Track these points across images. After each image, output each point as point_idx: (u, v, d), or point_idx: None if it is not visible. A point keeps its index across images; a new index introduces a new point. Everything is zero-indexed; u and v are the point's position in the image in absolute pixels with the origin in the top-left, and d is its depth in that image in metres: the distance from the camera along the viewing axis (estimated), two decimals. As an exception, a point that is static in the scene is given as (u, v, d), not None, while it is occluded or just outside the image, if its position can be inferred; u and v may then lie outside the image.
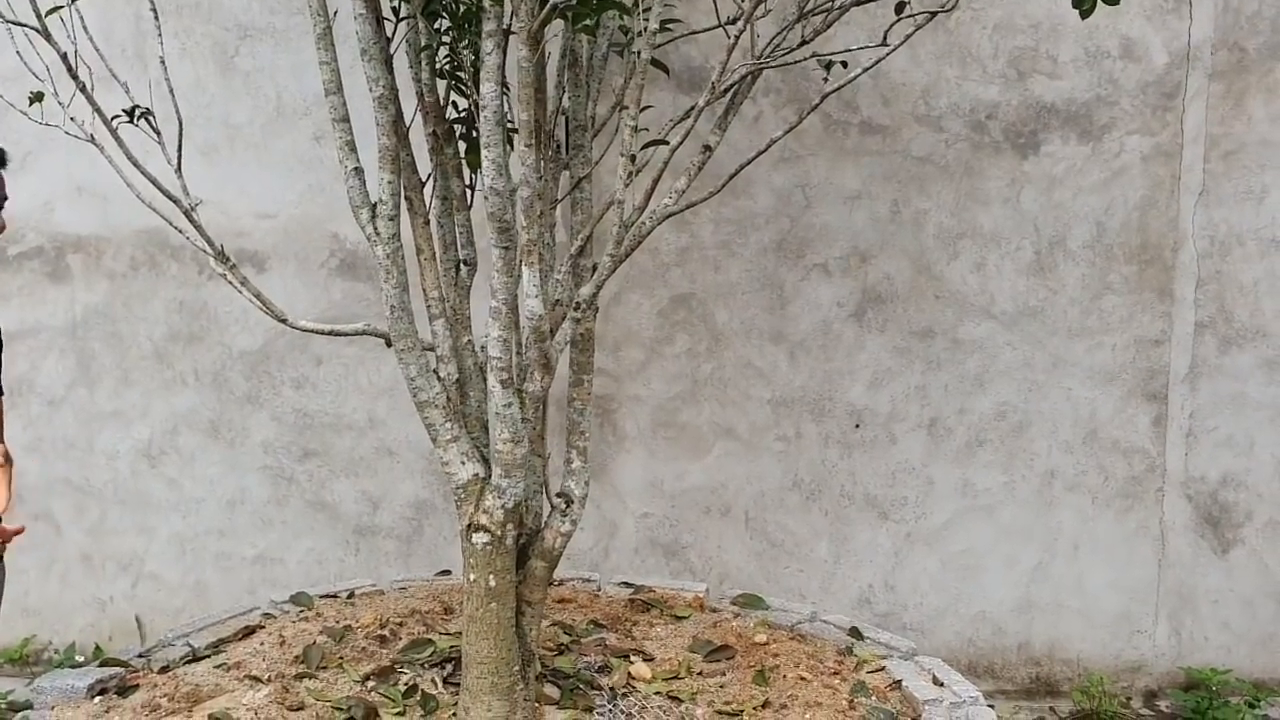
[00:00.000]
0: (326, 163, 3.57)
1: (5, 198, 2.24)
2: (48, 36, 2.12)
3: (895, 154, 3.51)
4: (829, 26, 2.36)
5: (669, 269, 3.61)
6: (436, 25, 2.27)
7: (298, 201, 3.63)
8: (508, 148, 2.11)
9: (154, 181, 2.19)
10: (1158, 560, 3.61)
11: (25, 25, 2.14)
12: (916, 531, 3.63)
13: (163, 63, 2.28)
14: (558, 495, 2.32)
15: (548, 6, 1.95)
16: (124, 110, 2.37)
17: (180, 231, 2.27)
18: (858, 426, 3.61)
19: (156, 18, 2.34)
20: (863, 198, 3.53)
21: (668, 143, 2.21)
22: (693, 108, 2.19)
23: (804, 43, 2.35)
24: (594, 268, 2.32)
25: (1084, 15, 2.40)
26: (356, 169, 2.19)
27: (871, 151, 3.52)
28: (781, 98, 3.50)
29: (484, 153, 2.05)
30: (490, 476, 2.17)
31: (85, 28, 2.32)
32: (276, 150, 3.62)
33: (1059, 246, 3.51)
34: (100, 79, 2.36)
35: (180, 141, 2.26)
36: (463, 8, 2.15)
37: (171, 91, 2.35)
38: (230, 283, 2.26)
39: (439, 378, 2.25)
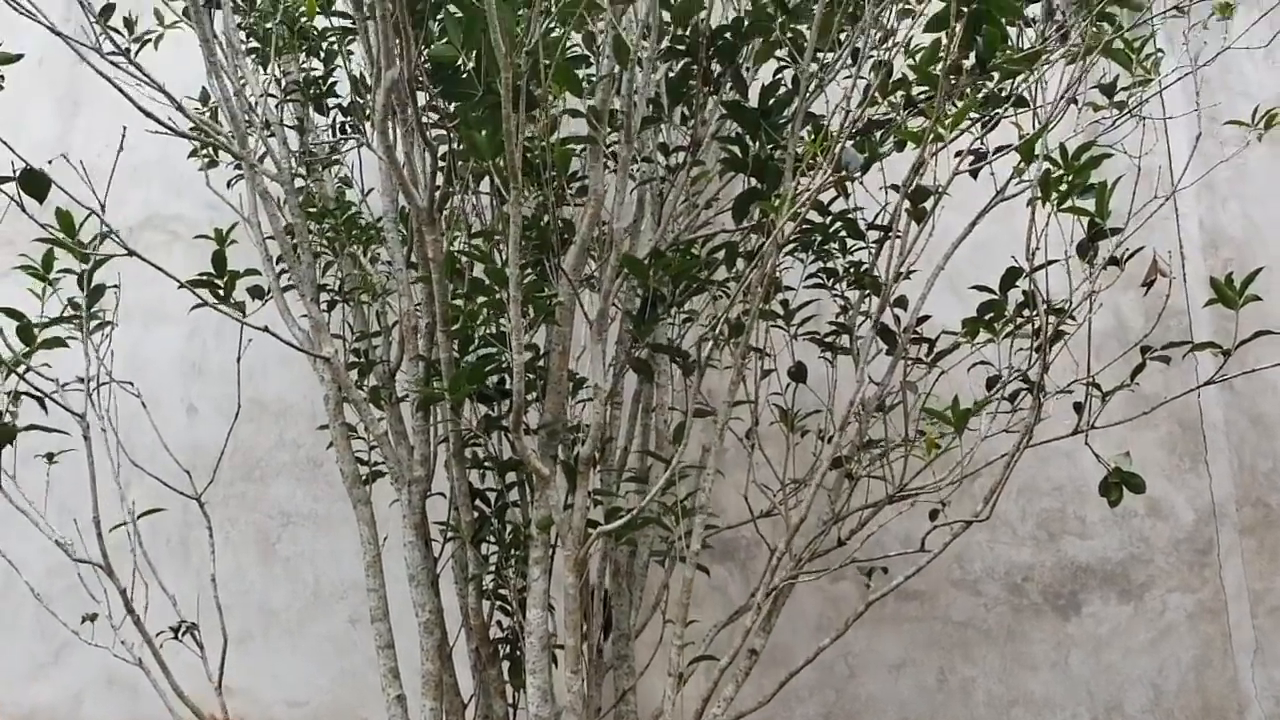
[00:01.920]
0: (360, 646, 3.55)
1: None
2: (110, 572, 2.19)
3: (935, 619, 3.47)
4: (863, 526, 2.41)
5: (711, 746, 3.45)
6: (483, 550, 2.33)
7: (329, 687, 3.56)
8: (552, 668, 2.09)
9: (196, 711, 2.15)
10: None
11: (90, 562, 2.21)
12: None
13: (213, 581, 2.33)
14: None
15: (596, 533, 2.01)
16: (170, 628, 2.40)
17: (215, 764, 2.20)
18: None
19: (211, 536, 2.42)
20: (907, 665, 3.45)
21: (716, 659, 2.18)
22: (736, 613, 2.19)
23: (840, 544, 2.40)
24: (642, 787, 2.21)
25: (1113, 505, 2.46)
26: (399, 696, 2.16)
27: (911, 618, 3.48)
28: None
29: (529, 678, 2.02)
30: None
31: (148, 561, 2.38)
32: (311, 634, 3.60)
33: (1116, 712, 3.37)
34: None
35: (223, 659, 2.26)
36: (509, 533, 2.22)
37: (220, 607, 2.37)
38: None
39: None
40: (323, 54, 2.90)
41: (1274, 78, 3.72)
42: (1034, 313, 2.41)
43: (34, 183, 1.92)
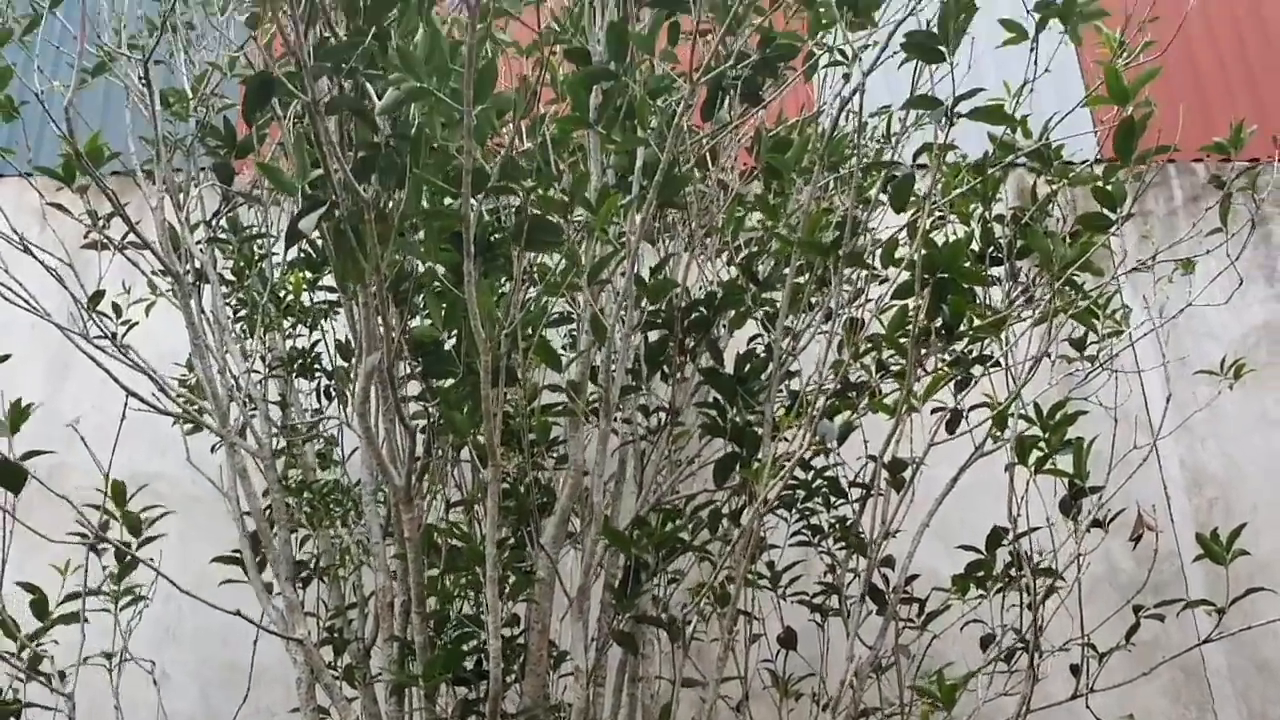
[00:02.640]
0: None
1: None
2: None
3: None
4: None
5: None
6: None
7: None
8: None
9: None
10: None
11: None
12: None
13: None
14: None
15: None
16: None
17: None
18: None
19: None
20: None
21: None
22: None
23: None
24: None
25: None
26: None
27: None
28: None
29: None
30: None
31: None
32: None
33: None
34: None
35: None
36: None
37: None
38: None
39: None
40: (309, 322, 2.95)
41: (1237, 320, 3.83)
42: (1022, 574, 2.38)
43: (10, 476, 1.90)
